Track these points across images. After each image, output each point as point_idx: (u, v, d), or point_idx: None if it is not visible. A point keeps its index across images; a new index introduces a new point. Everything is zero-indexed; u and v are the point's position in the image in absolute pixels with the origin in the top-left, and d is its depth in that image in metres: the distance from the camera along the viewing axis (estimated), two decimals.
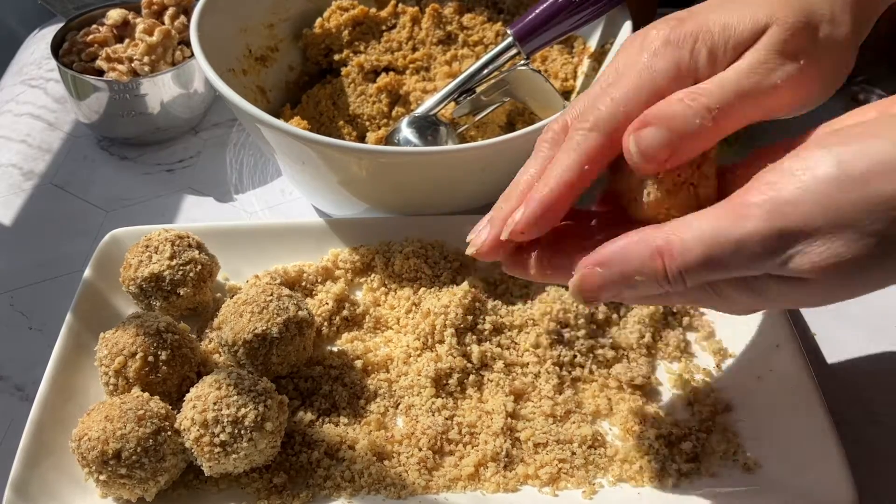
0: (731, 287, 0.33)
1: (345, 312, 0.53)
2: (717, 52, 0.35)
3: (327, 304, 0.53)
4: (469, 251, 0.37)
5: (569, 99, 0.63)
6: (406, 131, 0.59)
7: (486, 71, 0.59)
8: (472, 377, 0.50)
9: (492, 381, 0.49)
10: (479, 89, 0.60)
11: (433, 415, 0.48)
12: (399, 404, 0.49)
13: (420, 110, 0.60)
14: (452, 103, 0.60)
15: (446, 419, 0.48)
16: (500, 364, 0.50)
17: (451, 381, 0.49)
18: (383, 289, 0.55)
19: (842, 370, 0.53)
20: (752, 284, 0.32)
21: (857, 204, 0.29)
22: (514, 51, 0.58)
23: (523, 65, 0.59)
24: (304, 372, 0.50)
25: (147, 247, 0.52)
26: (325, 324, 0.53)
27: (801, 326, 0.56)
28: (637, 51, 0.36)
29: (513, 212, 0.36)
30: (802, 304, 0.33)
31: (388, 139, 0.59)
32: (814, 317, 0.57)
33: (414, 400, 0.49)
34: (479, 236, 0.37)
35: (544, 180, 0.35)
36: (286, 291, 0.49)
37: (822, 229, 0.29)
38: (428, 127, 0.59)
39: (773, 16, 0.34)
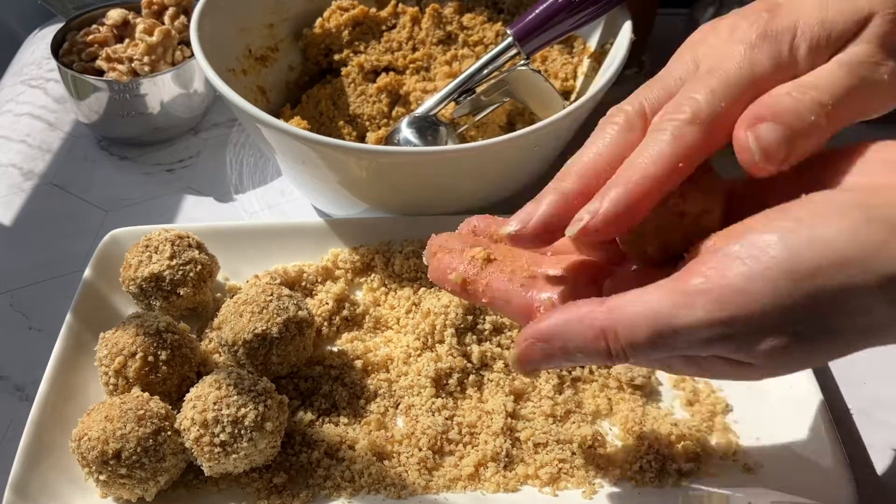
0: (676, 361, 0.32)
1: (345, 312, 0.53)
2: (819, 45, 0.32)
3: (327, 304, 0.53)
4: (505, 231, 0.33)
5: (568, 99, 0.63)
6: (406, 131, 0.59)
7: (486, 71, 0.59)
8: (472, 377, 0.50)
9: (492, 381, 0.49)
10: (478, 89, 0.60)
11: (433, 415, 0.48)
12: (399, 404, 0.49)
13: (420, 110, 0.60)
14: (452, 104, 0.60)
15: (446, 419, 0.48)
16: (500, 364, 0.50)
17: (451, 381, 0.49)
18: (383, 289, 0.55)
19: (842, 370, 0.53)
20: (697, 361, 0.32)
21: (804, 299, 0.28)
22: (513, 51, 0.58)
23: (523, 65, 0.59)
24: (304, 372, 0.50)
25: (147, 247, 0.52)
26: (325, 324, 0.53)
27: None
28: (725, 41, 0.33)
29: (574, 196, 0.32)
30: (745, 380, 0.33)
31: (388, 139, 0.59)
32: None
33: (414, 400, 0.49)
34: (523, 212, 0.33)
35: (629, 171, 0.31)
36: (286, 291, 0.49)
37: (766, 322, 0.28)
38: (428, 127, 0.59)
39: (875, 6, 0.32)
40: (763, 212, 0.30)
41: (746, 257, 0.28)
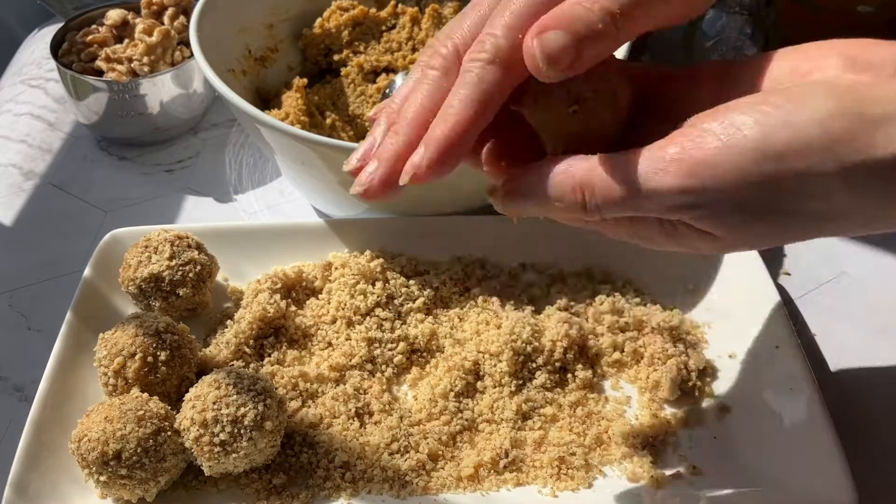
0: (649, 225, 0.34)
1: (347, 314, 0.53)
2: None
3: (329, 304, 0.53)
4: (354, 190, 0.35)
5: None
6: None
7: None
8: (472, 378, 0.50)
9: (493, 382, 0.49)
10: None
11: (434, 416, 0.48)
12: (400, 405, 0.49)
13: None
14: None
15: (447, 419, 0.47)
16: (501, 367, 0.50)
17: (452, 383, 0.49)
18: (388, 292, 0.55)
19: (841, 370, 0.53)
20: (667, 227, 0.34)
21: (770, 178, 0.30)
22: None
23: None
24: (305, 374, 0.50)
25: (146, 247, 0.52)
26: (326, 325, 0.53)
27: (800, 326, 0.56)
28: None
29: (404, 149, 0.34)
30: (710, 252, 0.35)
31: (384, 96, 0.60)
32: (814, 317, 0.57)
33: (414, 403, 0.49)
34: (365, 174, 0.35)
35: (444, 117, 0.33)
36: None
37: (733, 196, 0.30)
38: None
39: None
40: (750, 95, 0.32)
41: (722, 134, 0.30)
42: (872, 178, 0.29)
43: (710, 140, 0.30)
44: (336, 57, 0.65)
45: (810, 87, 0.31)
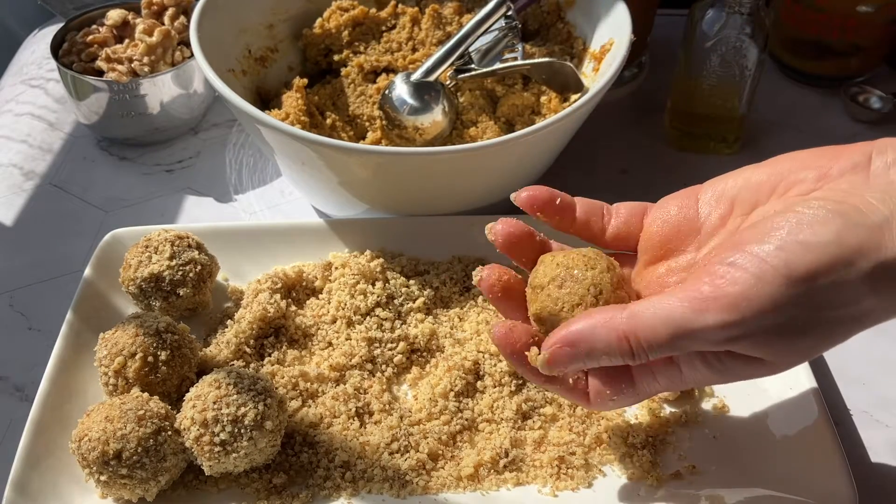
0: (695, 367, 0.36)
1: (347, 313, 0.53)
2: None
3: (329, 304, 0.53)
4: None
5: (568, 100, 0.62)
6: (401, 88, 0.59)
7: (480, 30, 0.60)
8: (472, 377, 0.50)
9: (492, 382, 0.49)
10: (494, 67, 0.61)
11: (434, 415, 0.48)
12: (400, 405, 0.49)
13: (417, 74, 0.60)
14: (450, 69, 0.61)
15: (447, 419, 0.48)
16: (500, 367, 0.50)
17: (452, 383, 0.49)
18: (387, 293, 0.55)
19: (841, 370, 0.53)
20: (713, 362, 0.36)
21: (803, 299, 0.32)
22: (504, 8, 0.59)
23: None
24: (305, 374, 0.50)
25: (147, 247, 0.52)
26: (326, 325, 0.53)
27: None
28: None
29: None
30: (759, 376, 0.37)
31: (384, 96, 0.60)
32: None
33: (414, 403, 0.49)
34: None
35: None
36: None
37: (774, 321, 0.33)
38: (422, 87, 0.59)
39: None
40: (750, 225, 0.36)
41: (748, 266, 0.33)
42: (893, 278, 0.32)
43: (740, 274, 0.33)
44: (336, 57, 0.65)
45: (811, 207, 0.33)
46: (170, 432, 0.43)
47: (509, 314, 0.42)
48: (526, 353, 0.39)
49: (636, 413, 0.49)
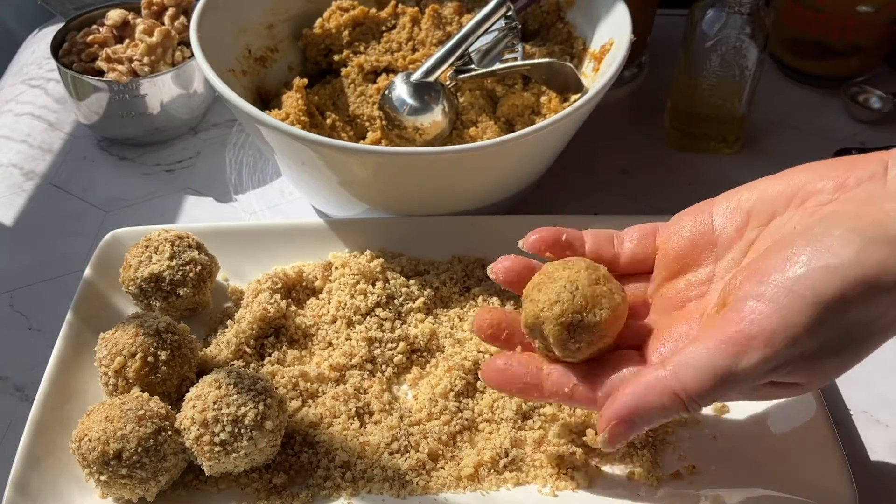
0: (734, 395, 0.37)
1: (347, 313, 0.53)
2: None
3: (329, 304, 0.53)
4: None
5: (568, 100, 0.63)
6: (400, 88, 0.59)
7: (480, 31, 0.60)
8: (472, 377, 0.50)
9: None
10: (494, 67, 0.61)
11: (434, 415, 0.48)
12: (400, 405, 0.49)
13: (417, 74, 0.60)
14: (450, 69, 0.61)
15: (447, 419, 0.48)
16: None
17: (452, 383, 0.49)
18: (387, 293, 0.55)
19: None
20: (752, 392, 0.37)
21: (836, 322, 0.33)
22: (504, 9, 0.59)
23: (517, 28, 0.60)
24: (305, 374, 0.50)
25: (147, 247, 0.52)
26: (326, 325, 0.53)
27: None
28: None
29: None
30: (793, 395, 0.39)
31: (384, 96, 0.60)
32: None
33: (415, 403, 0.49)
34: None
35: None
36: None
37: (809, 348, 0.34)
38: (422, 87, 0.59)
39: None
40: (764, 253, 0.36)
41: (775, 298, 0.34)
42: None
43: (770, 309, 0.34)
44: (336, 57, 0.65)
45: (829, 227, 0.34)
46: (170, 432, 0.43)
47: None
48: (538, 368, 0.41)
49: None
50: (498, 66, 0.61)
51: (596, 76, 0.60)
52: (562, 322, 0.39)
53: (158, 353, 0.46)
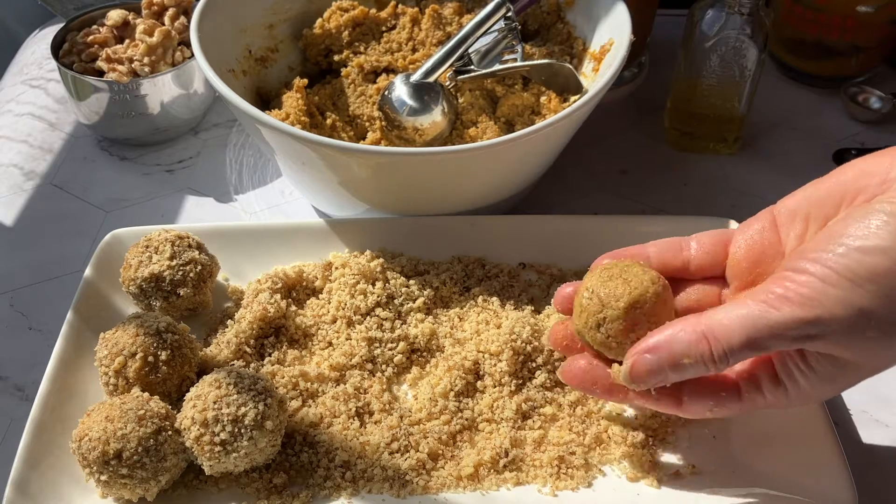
0: (789, 368, 0.38)
1: (347, 313, 0.53)
2: None
3: (329, 304, 0.53)
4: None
5: (568, 101, 0.63)
6: (400, 89, 0.59)
7: (480, 31, 0.60)
8: (472, 377, 0.50)
9: (492, 382, 0.49)
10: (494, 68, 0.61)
11: (434, 415, 0.48)
12: (400, 404, 0.49)
13: (416, 75, 0.60)
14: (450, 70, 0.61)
15: (447, 419, 0.48)
16: (500, 367, 0.50)
17: (452, 383, 0.49)
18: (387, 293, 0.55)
19: None
20: (801, 366, 0.38)
21: (875, 299, 0.34)
22: (504, 10, 0.60)
23: (517, 29, 0.61)
24: (306, 373, 0.50)
25: (147, 247, 0.52)
26: (326, 325, 0.53)
27: None
28: None
29: None
30: (854, 382, 0.38)
31: (383, 97, 0.60)
32: None
33: (415, 402, 0.49)
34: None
35: None
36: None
37: (847, 321, 0.34)
38: (422, 88, 0.59)
39: None
40: (811, 238, 0.38)
41: (815, 271, 0.35)
42: None
43: (807, 278, 0.35)
44: (336, 57, 0.65)
45: (869, 213, 0.35)
46: (170, 432, 0.43)
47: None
48: (609, 370, 0.41)
49: (636, 413, 0.49)
50: (497, 66, 0.61)
51: (596, 76, 0.61)
52: (616, 314, 0.40)
53: (159, 352, 0.46)
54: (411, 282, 0.54)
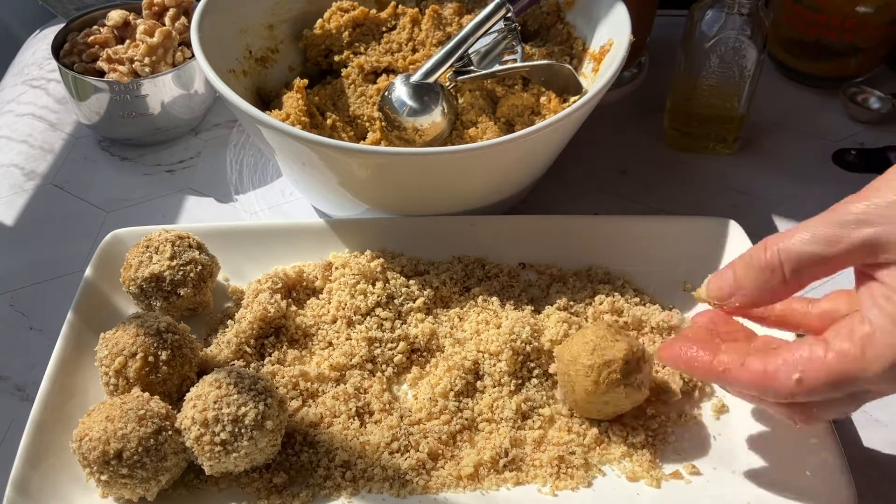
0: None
1: (347, 313, 0.53)
2: None
3: (329, 304, 0.53)
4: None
5: (568, 101, 0.63)
6: (400, 90, 0.59)
7: (480, 32, 0.60)
8: (472, 377, 0.50)
9: (492, 382, 0.49)
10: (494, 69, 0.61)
11: (434, 415, 0.48)
12: (400, 404, 0.49)
13: (416, 76, 0.60)
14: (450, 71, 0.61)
15: (447, 419, 0.48)
16: (499, 367, 0.50)
17: (452, 383, 0.49)
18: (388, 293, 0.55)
19: None
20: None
21: None
22: (504, 10, 0.60)
23: (515, 28, 0.61)
24: (306, 373, 0.50)
25: (147, 247, 0.52)
26: (326, 325, 0.53)
27: None
28: None
29: None
30: None
31: (383, 98, 0.60)
32: None
33: (415, 402, 0.49)
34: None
35: None
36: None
37: None
38: (422, 88, 0.59)
39: None
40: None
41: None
42: None
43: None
44: (336, 58, 0.65)
45: None
46: (170, 432, 0.43)
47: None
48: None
49: (637, 414, 0.49)
50: (497, 67, 0.61)
51: (595, 77, 0.61)
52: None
53: (159, 352, 0.46)
54: (411, 282, 0.55)
